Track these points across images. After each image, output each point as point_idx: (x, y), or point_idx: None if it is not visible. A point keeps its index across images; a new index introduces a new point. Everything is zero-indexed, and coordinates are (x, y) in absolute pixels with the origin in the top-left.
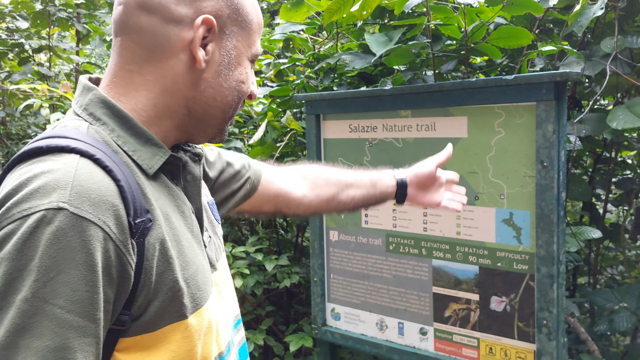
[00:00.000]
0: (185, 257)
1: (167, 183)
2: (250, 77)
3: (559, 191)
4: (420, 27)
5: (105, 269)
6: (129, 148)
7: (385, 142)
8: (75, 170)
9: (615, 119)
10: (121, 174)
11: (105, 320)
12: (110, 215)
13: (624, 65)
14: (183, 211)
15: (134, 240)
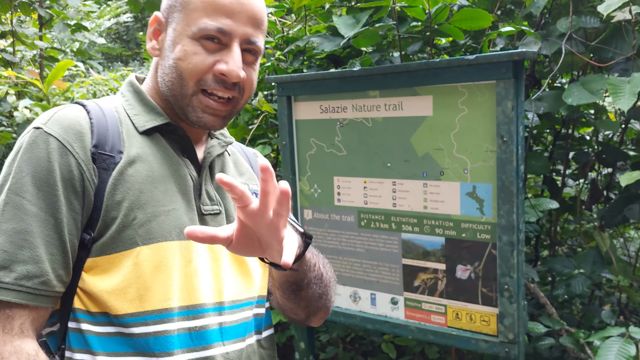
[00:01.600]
0: (154, 197)
1: (163, 144)
2: (195, 53)
3: (518, 164)
4: (386, 9)
5: (67, 179)
6: (132, 112)
7: (356, 122)
8: (64, 109)
9: (571, 95)
10: (100, 117)
11: (70, 224)
12: (75, 138)
13: (579, 44)
14: (177, 170)
15: (95, 166)
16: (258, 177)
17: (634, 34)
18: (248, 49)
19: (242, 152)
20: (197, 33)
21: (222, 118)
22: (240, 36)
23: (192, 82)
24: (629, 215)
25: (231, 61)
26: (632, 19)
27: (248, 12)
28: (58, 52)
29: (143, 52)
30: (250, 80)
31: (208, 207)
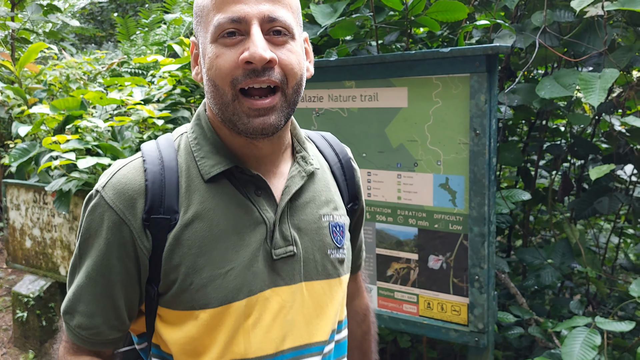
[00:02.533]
0: (212, 259)
1: (229, 190)
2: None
3: (490, 157)
4: (363, 0)
5: (120, 245)
6: (199, 155)
7: (331, 112)
8: (123, 166)
9: (544, 88)
10: (156, 176)
11: (125, 283)
12: (127, 205)
13: (553, 38)
14: (244, 217)
15: (149, 231)
16: (351, 191)
17: (606, 30)
18: (273, 30)
19: (336, 163)
20: (214, 34)
21: (272, 115)
22: (257, 17)
23: (226, 87)
24: (598, 208)
25: (251, 45)
26: (604, 14)
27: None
28: (30, 34)
29: (117, 34)
30: (287, 63)
31: (280, 251)
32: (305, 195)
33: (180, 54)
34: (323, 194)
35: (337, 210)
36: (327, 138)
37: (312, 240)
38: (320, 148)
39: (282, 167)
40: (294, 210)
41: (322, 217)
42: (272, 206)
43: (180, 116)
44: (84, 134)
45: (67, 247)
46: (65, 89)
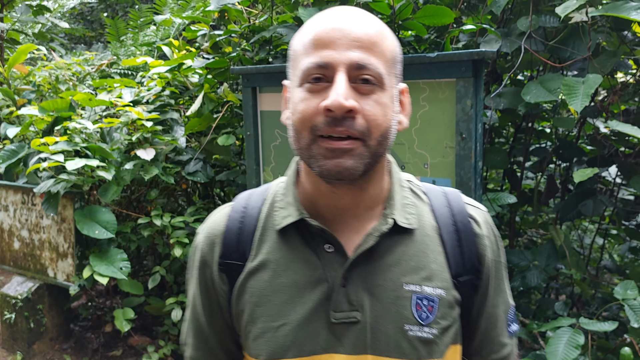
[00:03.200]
0: (267, 311)
1: (297, 243)
2: (302, 99)
3: (476, 161)
4: (352, 4)
5: (205, 284)
6: (278, 205)
7: None
8: (218, 213)
9: (529, 93)
10: (235, 224)
11: (213, 323)
12: (209, 249)
13: (538, 43)
14: (303, 274)
15: (224, 274)
16: (467, 261)
17: (590, 35)
18: (362, 78)
19: (448, 225)
20: (301, 78)
21: (349, 159)
22: (344, 64)
23: (306, 132)
24: (583, 210)
25: (332, 92)
26: (588, 20)
27: (351, 35)
28: (19, 34)
29: (107, 34)
30: (370, 114)
31: (341, 315)
32: (389, 258)
33: (170, 55)
34: (414, 259)
35: (430, 280)
36: (448, 195)
37: (386, 310)
38: (433, 205)
39: (368, 223)
40: (369, 272)
41: (405, 286)
42: (342, 264)
43: (169, 118)
44: (72, 135)
45: (56, 248)
46: (54, 90)
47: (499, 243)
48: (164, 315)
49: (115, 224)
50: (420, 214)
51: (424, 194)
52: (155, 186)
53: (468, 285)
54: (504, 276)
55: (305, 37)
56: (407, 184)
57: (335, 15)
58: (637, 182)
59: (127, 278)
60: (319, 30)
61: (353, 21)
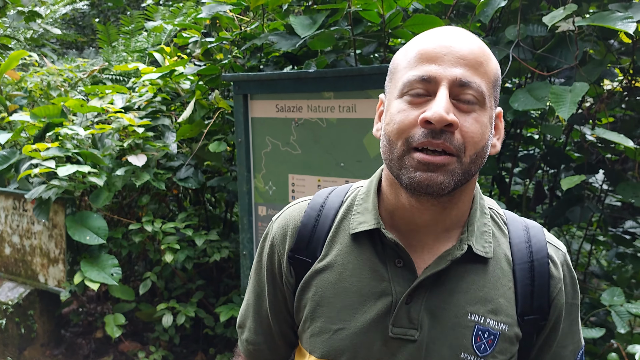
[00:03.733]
0: (327, 312)
1: (368, 251)
2: (400, 110)
3: None
4: (342, 12)
5: (273, 273)
6: (356, 210)
7: (311, 122)
8: (296, 204)
9: (517, 100)
10: (310, 220)
11: (275, 310)
12: (281, 240)
13: (526, 51)
14: (368, 283)
15: (292, 267)
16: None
17: (577, 44)
18: (463, 97)
19: (524, 262)
20: (402, 90)
21: (441, 175)
22: (447, 79)
23: (399, 142)
24: (571, 217)
25: (434, 104)
26: (575, 29)
27: (458, 52)
28: (11, 40)
29: (98, 40)
30: (468, 131)
31: (399, 330)
32: (458, 284)
33: (161, 61)
34: (483, 290)
35: (495, 314)
36: (529, 229)
37: (445, 334)
38: (512, 238)
39: (443, 244)
40: (436, 294)
41: (469, 315)
42: (410, 281)
43: (160, 124)
44: (64, 141)
45: (47, 254)
46: (46, 96)
47: (575, 286)
48: (155, 321)
49: (106, 230)
50: (498, 245)
51: (504, 223)
52: (146, 192)
53: (531, 324)
54: (577, 317)
55: (410, 51)
56: (489, 211)
57: (442, 33)
58: (623, 189)
59: (118, 284)
60: (424, 45)
61: (459, 39)
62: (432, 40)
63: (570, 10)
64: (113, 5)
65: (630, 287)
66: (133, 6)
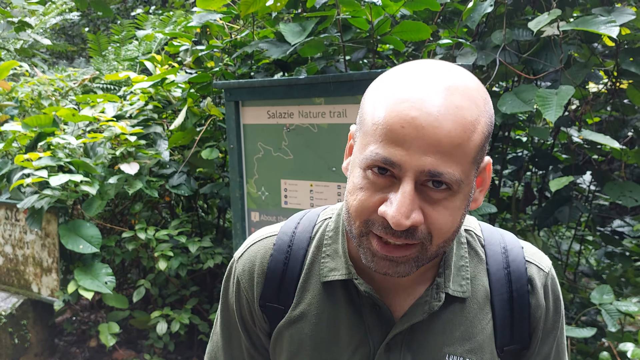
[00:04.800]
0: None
1: (342, 299)
2: (362, 187)
3: None
4: (331, 19)
5: (243, 316)
6: (325, 252)
7: (302, 127)
8: (258, 241)
9: (505, 104)
10: (278, 264)
11: (248, 346)
12: (249, 285)
13: (512, 56)
14: (345, 333)
15: (264, 313)
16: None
17: (562, 48)
18: (434, 181)
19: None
20: (364, 162)
21: (401, 266)
22: (414, 169)
23: (358, 222)
24: (559, 217)
25: (394, 204)
26: (559, 34)
27: (429, 138)
28: (1, 50)
29: (89, 49)
30: (435, 222)
31: None
32: (434, 325)
33: (152, 70)
34: (460, 329)
35: (474, 353)
36: (508, 252)
37: None
38: (490, 266)
39: (419, 286)
40: (412, 339)
41: (447, 357)
42: (387, 327)
43: (152, 132)
44: (56, 150)
45: (40, 264)
46: (37, 106)
47: (558, 308)
48: (149, 328)
49: (99, 239)
50: (474, 276)
51: (482, 247)
52: (139, 200)
53: (512, 353)
54: (561, 342)
55: (377, 114)
56: (466, 239)
57: (418, 97)
58: (610, 189)
59: (112, 292)
60: (393, 117)
61: (437, 112)
62: (402, 112)
63: (555, 15)
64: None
65: (619, 286)
66: (123, 15)
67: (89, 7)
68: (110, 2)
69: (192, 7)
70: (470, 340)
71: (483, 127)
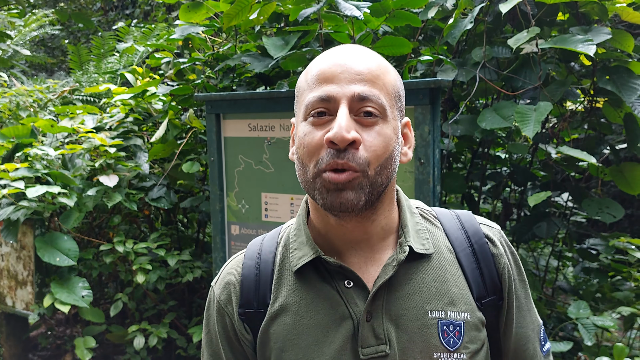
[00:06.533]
0: (294, 355)
1: (315, 282)
2: (306, 133)
3: (434, 185)
4: (313, 34)
5: (226, 337)
6: (293, 246)
7: (283, 140)
8: (230, 262)
9: (484, 120)
10: (251, 272)
11: None
12: (227, 300)
13: (492, 72)
14: (326, 313)
15: (245, 324)
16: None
17: (540, 66)
18: (363, 110)
19: (464, 247)
20: (305, 112)
21: (350, 191)
22: (346, 97)
23: (311, 165)
24: (537, 232)
25: (335, 125)
26: (538, 51)
27: (353, 69)
28: None
29: (69, 61)
30: (370, 145)
31: (369, 350)
32: (409, 286)
33: (133, 82)
34: (434, 285)
35: (453, 305)
36: (461, 218)
37: (413, 340)
38: (446, 229)
39: (383, 254)
40: (392, 303)
41: (430, 313)
42: (364, 298)
43: (132, 144)
44: (33, 162)
45: (14, 277)
46: (15, 117)
47: (517, 261)
48: (126, 343)
49: (77, 251)
50: (435, 239)
51: (435, 218)
52: (117, 212)
53: (491, 306)
54: (528, 294)
55: (309, 73)
56: (417, 210)
57: (338, 53)
58: (588, 205)
59: (89, 306)
60: (322, 66)
61: (355, 57)
62: (328, 61)
63: (534, 33)
64: (84, 26)
65: (595, 301)
66: (104, 28)
67: (69, 19)
68: (92, 14)
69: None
70: (446, 294)
71: (394, 76)
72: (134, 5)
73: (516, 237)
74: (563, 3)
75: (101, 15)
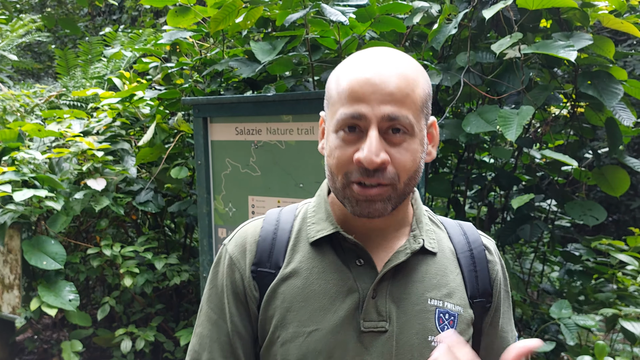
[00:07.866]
0: (299, 316)
1: (329, 255)
2: (337, 146)
3: (419, 188)
4: (300, 39)
5: (234, 292)
6: (311, 220)
7: (270, 144)
8: (247, 224)
9: (469, 124)
10: (269, 233)
11: (241, 331)
12: (241, 256)
13: (476, 77)
14: (339, 283)
15: (255, 282)
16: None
17: (523, 71)
18: (392, 127)
19: (465, 251)
20: (336, 126)
21: (378, 203)
22: (376, 118)
23: (340, 176)
24: (521, 234)
25: (365, 148)
26: (521, 57)
27: (383, 90)
28: None
29: (56, 67)
30: (400, 162)
31: (370, 324)
32: (414, 274)
33: (120, 87)
34: (436, 278)
35: (450, 297)
36: (463, 226)
37: (411, 322)
38: (450, 234)
39: (395, 242)
40: (396, 286)
41: (429, 300)
42: (372, 277)
43: (120, 148)
44: (20, 165)
45: (1, 280)
46: (2, 121)
47: (505, 274)
48: (113, 347)
49: (64, 255)
50: (440, 240)
51: (440, 223)
52: (105, 216)
53: (480, 307)
54: (510, 306)
55: (341, 84)
56: (427, 214)
57: (370, 65)
58: (571, 208)
59: (76, 310)
60: (353, 82)
61: (387, 73)
62: (360, 75)
63: (516, 38)
64: (71, 32)
65: (579, 302)
66: (92, 33)
67: (56, 25)
68: (79, 19)
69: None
70: (445, 287)
71: (423, 84)
72: (121, 11)
73: (500, 240)
74: (545, 9)
75: (88, 20)
